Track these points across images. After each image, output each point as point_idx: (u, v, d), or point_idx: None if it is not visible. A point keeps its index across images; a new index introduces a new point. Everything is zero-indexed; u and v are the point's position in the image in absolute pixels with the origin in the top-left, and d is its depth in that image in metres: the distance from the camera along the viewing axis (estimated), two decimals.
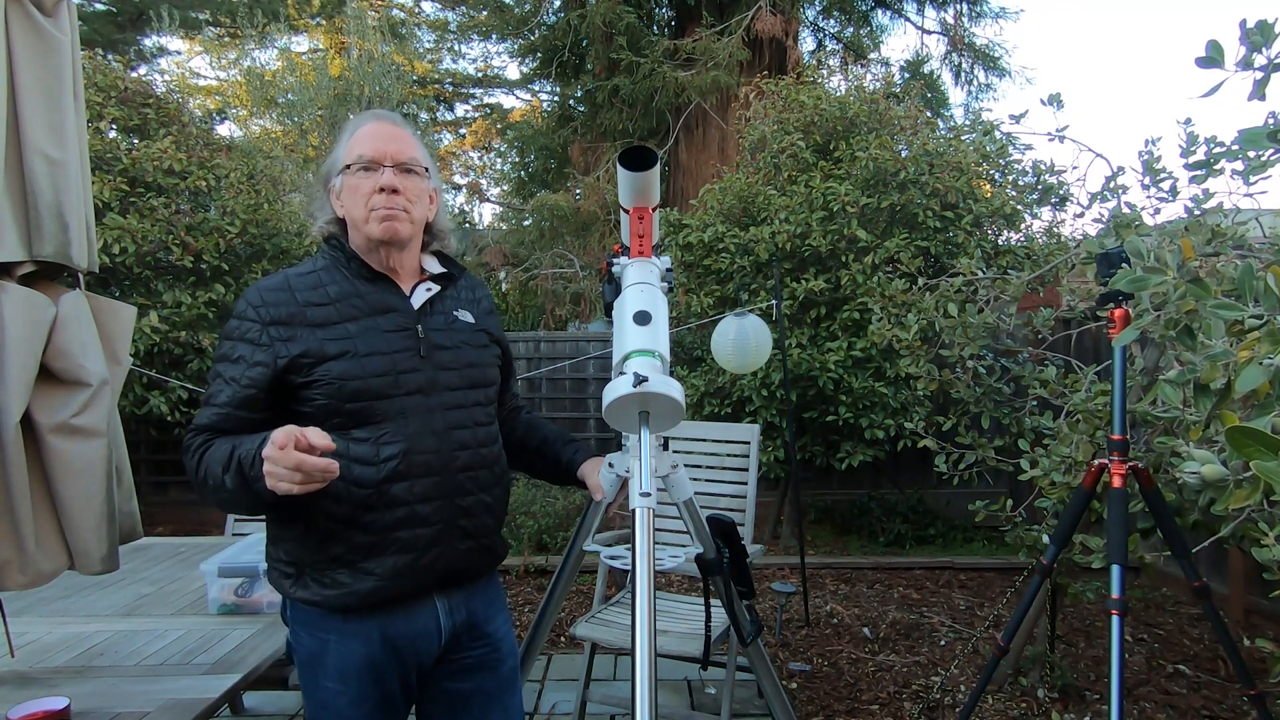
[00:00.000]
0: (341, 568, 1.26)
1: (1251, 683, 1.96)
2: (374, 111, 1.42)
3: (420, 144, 1.38)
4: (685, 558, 1.65)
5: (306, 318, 1.26)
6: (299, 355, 1.23)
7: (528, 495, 4.94)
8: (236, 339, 1.26)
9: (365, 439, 1.25)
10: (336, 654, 1.28)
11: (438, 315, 1.37)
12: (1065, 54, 29.97)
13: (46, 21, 1.50)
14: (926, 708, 2.82)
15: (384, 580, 1.26)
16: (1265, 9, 1.42)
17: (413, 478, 1.26)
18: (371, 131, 1.32)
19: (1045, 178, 3.77)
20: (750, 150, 5.52)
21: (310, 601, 1.28)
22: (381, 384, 1.26)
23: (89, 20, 10.78)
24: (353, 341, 1.26)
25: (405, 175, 1.31)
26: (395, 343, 1.30)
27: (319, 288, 1.30)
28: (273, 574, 1.35)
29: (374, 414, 1.26)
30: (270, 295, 1.27)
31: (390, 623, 1.29)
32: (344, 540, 1.25)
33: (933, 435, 2.95)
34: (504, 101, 14.94)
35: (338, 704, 1.29)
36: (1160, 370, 2.21)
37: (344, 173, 1.32)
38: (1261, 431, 0.80)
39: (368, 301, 1.31)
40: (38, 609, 2.10)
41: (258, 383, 1.24)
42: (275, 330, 1.24)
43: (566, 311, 9.22)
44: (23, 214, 1.48)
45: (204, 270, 4.76)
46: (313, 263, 1.36)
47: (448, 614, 1.35)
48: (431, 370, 1.32)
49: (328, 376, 1.23)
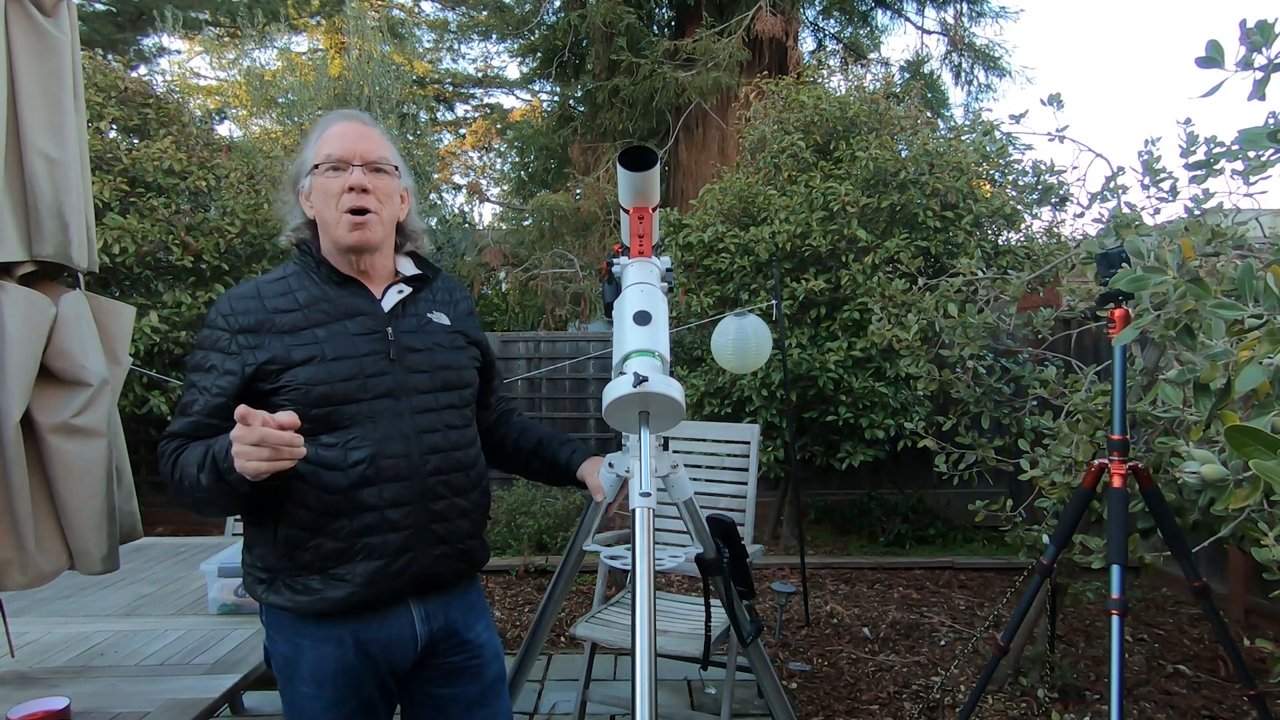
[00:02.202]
0: (313, 574, 1.25)
1: (1251, 683, 1.96)
2: (342, 111, 1.40)
3: (390, 143, 1.37)
4: (685, 558, 1.64)
5: (275, 324, 1.25)
6: (265, 362, 1.23)
7: (528, 495, 4.94)
8: (208, 348, 1.26)
9: (333, 444, 1.24)
10: (310, 659, 1.27)
11: (409, 317, 1.35)
12: (1065, 54, 29.99)
13: (46, 21, 1.50)
14: (926, 708, 2.82)
15: (356, 587, 1.24)
16: (1265, 9, 1.42)
17: (382, 482, 1.25)
18: (340, 131, 1.31)
19: (1045, 178, 3.77)
20: (750, 150, 5.52)
21: (283, 607, 1.27)
22: (348, 388, 1.25)
23: (89, 20, 10.78)
24: (320, 347, 1.25)
25: (375, 174, 1.30)
26: (363, 346, 1.28)
27: (288, 294, 1.29)
28: (247, 579, 1.34)
29: (342, 418, 1.24)
30: (239, 304, 1.27)
31: (364, 629, 1.28)
32: (313, 547, 1.24)
33: (933, 435, 2.95)
34: (504, 101, 14.97)
35: (313, 709, 1.28)
36: (1160, 370, 2.21)
37: (313, 173, 1.31)
38: (1261, 431, 0.80)
39: (336, 306, 1.30)
40: (38, 609, 2.10)
41: (227, 391, 1.23)
42: (244, 338, 1.24)
43: (566, 311, 9.21)
44: (23, 214, 1.48)
45: (204, 270, 4.76)
46: (283, 269, 1.35)
47: (424, 621, 1.33)
48: (402, 373, 1.30)
49: (294, 382, 1.23)
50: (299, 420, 1.10)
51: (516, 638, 3.56)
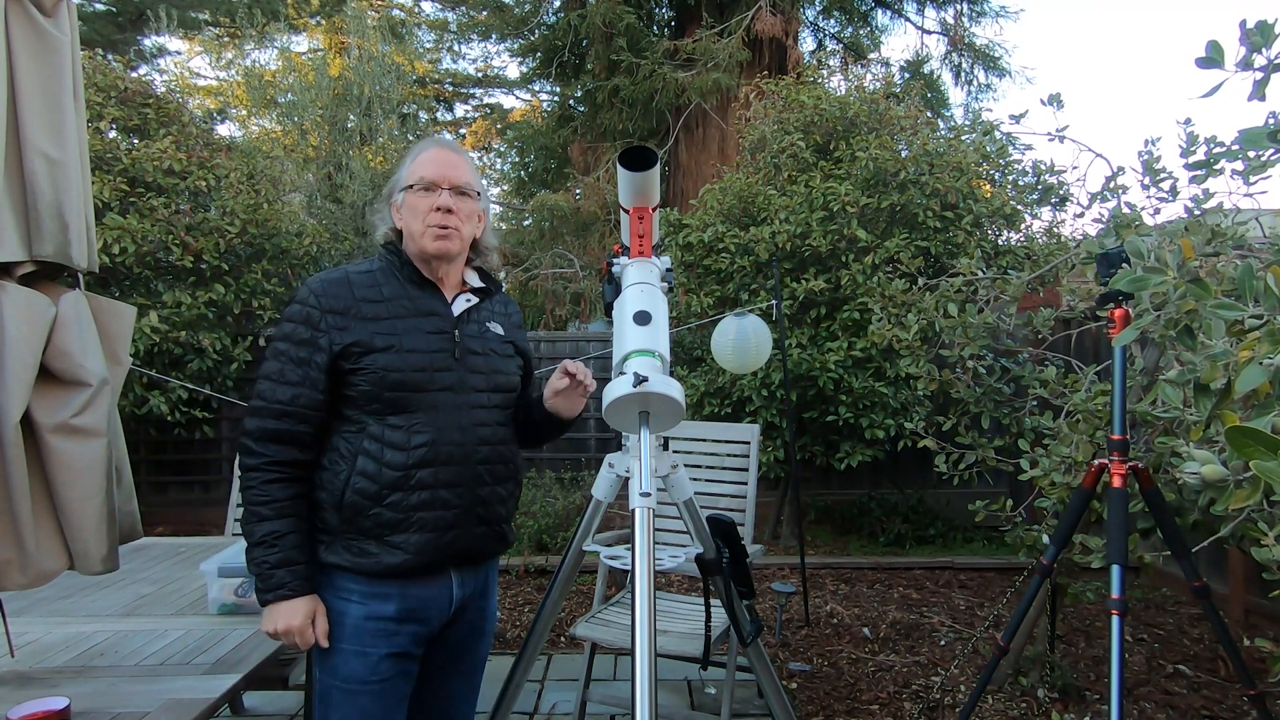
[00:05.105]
0: (370, 539, 1.39)
1: (1251, 683, 1.96)
2: (436, 138, 1.65)
3: (474, 170, 1.54)
4: (685, 558, 1.65)
5: (360, 311, 1.41)
6: (351, 344, 1.38)
7: (528, 495, 4.94)
8: (299, 321, 1.40)
9: (399, 426, 1.39)
10: (356, 614, 1.40)
11: (472, 324, 1.52)
12: (1065, 54, 29.98)
13: (46, 22, 1.50)
14: (926, 708, 2.82)
15: (409, 554, 1.39)
16: (1265, 9, 1.42)
17: (438, 465, 1.40)
18: (433, 157, 1.49)
19: (1045, 178, 3.77)
20: (750, 150, 5.52)
21: (340, 566, 1.40)
22: (419, 378, 1.40)
23: (89, 20, 10.78)
24: (399, 338, 1.41)
25: (459, 198, 1.48)
26: (434, 343, 1.44)
27: (374, 286, 1.45)
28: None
29: (409, 404, 1.40)
30: (330, 287, 1.42)
31: (410, 588, 1.43)
32: (373, 516, 1.38)
33: (933, 435, 2.95)
34: (504, 101, 14.95)
35: (349, 665, 1.40)
36: (1160, 370, 2.21)
37: (406, 191, 1.49)
38: (1261, 431, 0.80)
39: (415, 304, 1.47)
40: (38, 609, 2.09)
41: (318, 384, 1.38)
42: (332, 318, 1.39)
43: (566, 311, 9.22)
44: (23, 214, 1.48)
45: (204, 270, 4.76)
46: (369, 264, 1.51)
47: (460, 587, 1.50)
48: (462, 371, 1.46)
49: (373, 366, 1.38)
50: (326, 642, 1.38)
51: (516, 638, 3.56)
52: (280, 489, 1.37)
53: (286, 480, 1.38)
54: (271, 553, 1.35)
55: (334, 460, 1.40)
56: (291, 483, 1.38)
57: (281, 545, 1.35)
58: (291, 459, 1.38)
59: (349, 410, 1.41)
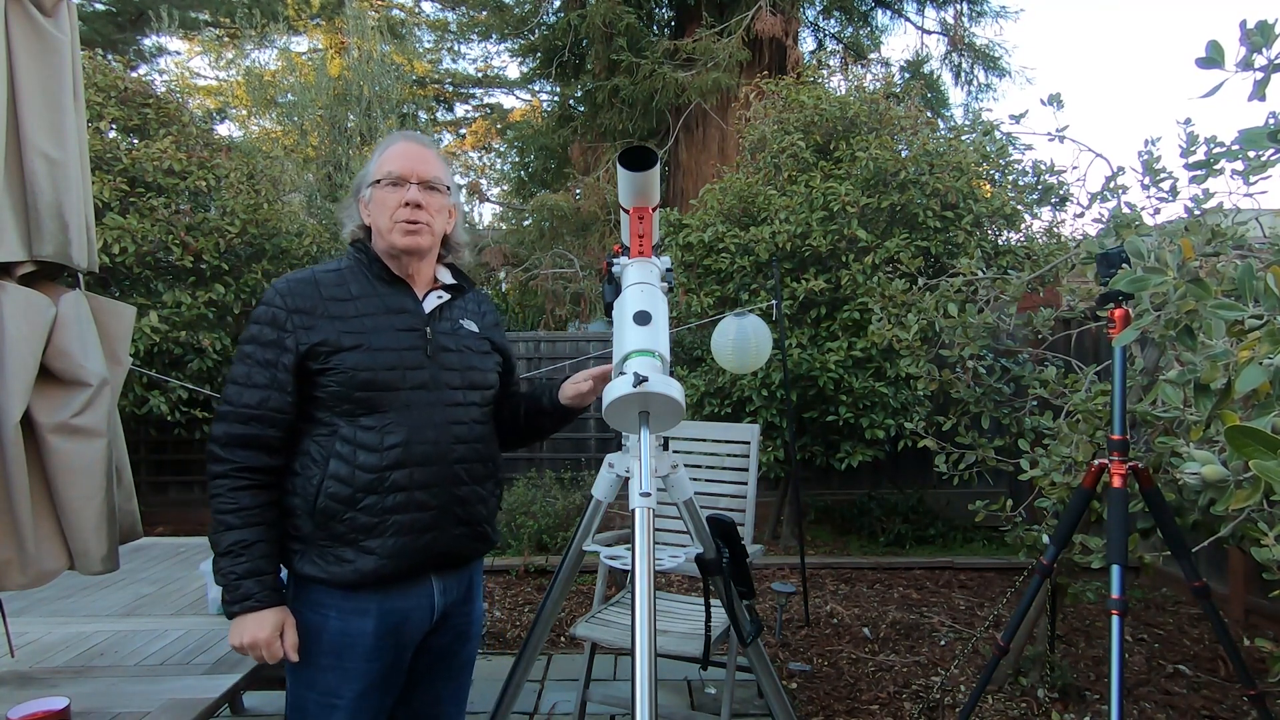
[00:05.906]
0: (345, 545, 1.34)
1: (1251, 683, 1.96)
2: (404, 132, 1.57)
3: (444, 164, 1.50)
4: (685, 558, 1.65)
5: (327, 310, 1.37)
6: (317, 344, 1.34)
7: (528, 495, 4.94)
8: (264, 323, 1.36)
9: (372, 427, 1.35)
10: (335, 629, 1.36)
11: (444, 321, 1.48)
12: (1065, 54, 29.98)
13: (46, 22, 1.50)
14: (926, 708, 2.82)
15: (385, 559, 1.35)
16: (1265, 9, 1.42)
17: (412, 465, 1.36)
18: (401, 150, 1.45)
19: (1045, 178, 3.77)
20: (750, 150, 5.52)
21: (314, 578, 1.36)
22: (390, 377, 1.36)
23: (89, 20, 10.78)
24: (367, 336, 1.37)
25: (429, 192, 1.44)
26: (405, 340, 1.40)
27: (342, 284, 1.42)
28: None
29: (381, 404, 1.36)
30: (296, 286, 1.38)
31: (388, 600, 1.38)
32: (347, 520, 1.34)
33: (933, 435, 2.94)
34: (504, 101, 14.97)
35: (328, 680, 1.36)
36: (1160, 370, 2.21)
37: (374, 186, 1.45)
38: (1261, 431, 0.80)
39: (384, 301, 1.43)
40: (38, 609, 2.10)
41: (285, 386, 1.34)
42: (298, 318, 1.35)
43: (566, 311, 9.21)
44: (23, 214, 1.48)
45: (204, 270, 4.76)
46: (338, 263, 1.47)
47: (442, 594, 1.46)
48: (435, 369, 1.42)
49: (342, 365, 1.34)
50: (295, 656, 1.33)
51: (516, 638, 3.56)
52: (249, 496, 1.32)
53: (255, 487, 1.33)
54: (239, 563, 1.30)
55: (305, 465, 1.35)
56: (260, 490, 1.33)
57: (249, 555, 1.30)
58: (260, 465, 1.33)
59: (319, 413, 1.36)
